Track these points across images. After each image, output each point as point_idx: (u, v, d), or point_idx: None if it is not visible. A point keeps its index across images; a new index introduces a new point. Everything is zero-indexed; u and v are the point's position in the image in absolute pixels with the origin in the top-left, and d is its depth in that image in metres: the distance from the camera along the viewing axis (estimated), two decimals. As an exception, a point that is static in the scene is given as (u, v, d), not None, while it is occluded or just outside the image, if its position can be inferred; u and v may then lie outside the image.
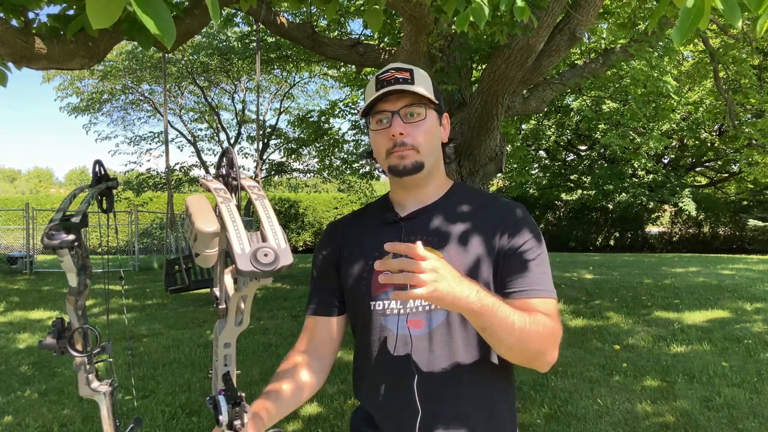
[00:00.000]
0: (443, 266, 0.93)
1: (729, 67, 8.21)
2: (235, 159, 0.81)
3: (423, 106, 1.14)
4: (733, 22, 0.92)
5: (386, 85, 1.13)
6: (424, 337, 1.12)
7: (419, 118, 1.14)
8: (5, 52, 1.78)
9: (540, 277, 1.12)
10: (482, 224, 1.16)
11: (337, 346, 1.26)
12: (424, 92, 1.13)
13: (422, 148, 1.14)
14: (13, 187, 58.55)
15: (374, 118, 1.16)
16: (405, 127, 1.12)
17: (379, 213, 1.25)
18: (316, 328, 1.25)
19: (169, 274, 5.95)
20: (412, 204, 1.20)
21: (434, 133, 1.17)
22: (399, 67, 1.16)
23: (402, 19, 4.29)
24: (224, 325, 0.85)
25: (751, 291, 7.71)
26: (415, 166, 1.13)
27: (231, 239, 0.68)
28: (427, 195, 1.20)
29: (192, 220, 0.72)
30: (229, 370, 0.88)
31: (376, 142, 1.17)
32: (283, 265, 0.66)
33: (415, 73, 1.16)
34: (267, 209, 0.72)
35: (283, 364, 1.21)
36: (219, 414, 0.83)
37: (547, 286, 1.12)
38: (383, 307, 1.15)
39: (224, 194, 0.75)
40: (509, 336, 1.00)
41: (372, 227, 1.23)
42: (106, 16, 0.67)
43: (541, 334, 1.03)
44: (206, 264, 0.74)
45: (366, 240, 1.21)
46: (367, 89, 1.20)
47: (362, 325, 1.20)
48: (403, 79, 1.13)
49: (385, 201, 1.27)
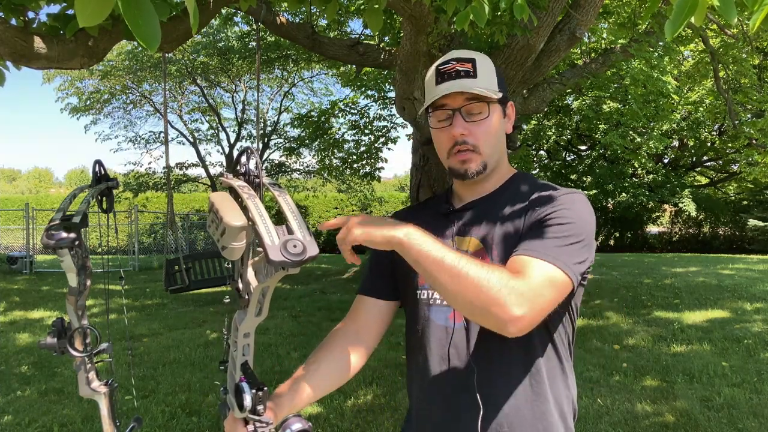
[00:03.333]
0: (374, 218, 0.98)
1: (729, 66, 8.21)
2: (257, 158, 0.84)
3: (486, 102, 1.09)
4: (729, 18, 0.92)
5: (447, 78, 1.08)
6: (462, 330, 1.10)
7: (482, 117, 1.09)
8: (4, 52, 1.78)
9: (545, 242, 0.98)
10: (522, 210, 1.11)
11: (381, 332, 1.23)
12: (486, 91, 1.07)
13: (484, 148, 1.10)
14: (13, 187, 58.55)
15: (435, 115, 1.11)
16: (467, 126, 1.08)
17: (437, 204, 1.24)
18: (362, 309, 1.23)
19: (168, 274, 5.93)
20: (470, 196, 1.18)
21: (498, 129, 1.12)
22: (460, 58, 1.09)
23: (402, 19, 4.28)
24: (244, 316, 0.88)
25: (751, 291, 7.71)
26: (478, 171, 1.11)
27: (261, 232, 0.72)
28: (485, 187, 1.17)
29: (220, 215, 0.75)
30: (247, 359, 0.91)
31: (437, 139, 1.14)
32: (311, 255, 0.71)
33: (478, 64, 1.09)
34: (290, 204, 0.77)
35: (323, 343, 1.18)
36: (243, 400, 0.87)
37: (548, 251, 0.96)
38: (427, 297, 1.14)
39: (248, 190, 0.79)
40: (440, 273, 0.90)
41: (428, 218, 1.20)
42: (94, 14, 0.67)
43: (483, 282, 0.88)
44: (233, 257, 0.78)
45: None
46: (427, 78, 1.15)
47: (410, 314, 1.20)
48: (464, 71, 1.08)
49: (447, 192, 1.26)
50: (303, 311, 7.02)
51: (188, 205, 20.99)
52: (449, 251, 0.92)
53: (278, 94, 16.97)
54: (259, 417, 0.90)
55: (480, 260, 0.95)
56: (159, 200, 19.96)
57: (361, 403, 3.79)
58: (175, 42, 2.22)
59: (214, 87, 16.30)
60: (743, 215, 19.04)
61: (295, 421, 0.99)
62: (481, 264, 0.91)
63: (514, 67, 4.47)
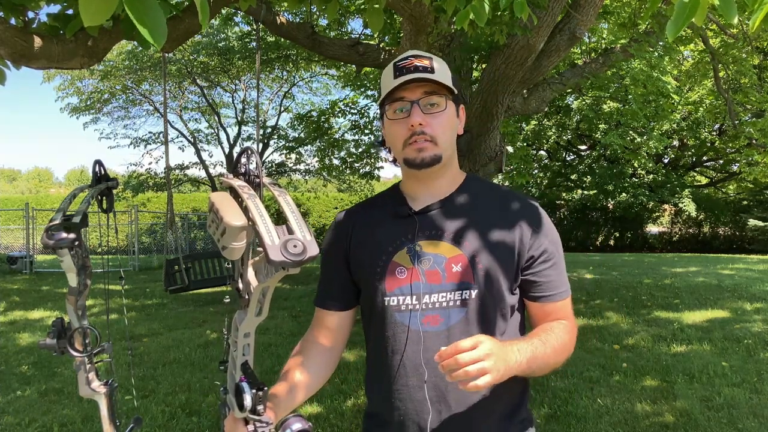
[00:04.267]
0: (486, 340, 0.93)
1: (729, 66, 8.21)
2: (257, 158, 0.84)
3: (443, 96, 1.11)
4: (729, 18, 0.92)
5: (405, 72, 1.10)
6: (441, 334, 1.10)
7: (439, 108, 1.11)
8: (4, 52, 1.78)
9: (560, 278, 1.16)
10: (502, 220, 1.14)
11: (345, 339, 1.25)
12: (445, 81, 1.10)
13: (440, 139, 1.11)
14: (13, 187, 58.54)
15: (391, 107, 1.13)
16: (424, 117, 1.09)
17: (390, 205, 1.21)
18: (324, 319, 1.25)
19: (168, 274, 5.94)
20: (426, 197, 1.17)
21: (452, 124, 1.15)
22: (418, 55, 1.12)
23: (402, 19, 4.28)
24: (244, 315, 0.88)
25: (751, 291, 7.71)
26: (433, 159, 1.11)
27: (261, 232, 0.72)
28: (440, 188, 1.17)
29: (220, 215, 0.75)
30: (247, 359, 0.92)
31: (392, 131, 1.14)
32: (311, 255, 0.71)
33: (435, 61, 1.12)
34: (290, 204, 0.76)
35: (291, 359, 1.22)
36: (243, 400, 0.87)
37: (566, 284, 1.18)
38: (398, 303, 1.13)
39: (248, 191, 0.79)
40: (546, 366, 1.08)
41: (384, 220, 1.19)
42: (98, 13, 0.67)
43: (566, 349, 1.12)
44: (233, 256, 0.78)
45: (378, 233, 1.17)
46: (383, 75, 1.16)
47: (376, 320, 1.17)
48: (422, 67, 1.10)
49: (395, 193, 1.23)
50: (303, 311, 7.02)
51: (188, 205, 20.99)
52: (541, 344, 1.06)
53: (278, 94, 16.97)
54: (259, 417, 0.90)
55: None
56: (159, 200, 19.95)
57: (361, 403, 3.79)
58: (175, 42, 2.22)
59: (214, 87, 16.29)
60: (743, 215, 19.04)
61: (295, 421, 0.99)
62: (554, 334, 1.10)
63: (514, 67, 4.46)
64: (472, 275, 1.10)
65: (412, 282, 1.11)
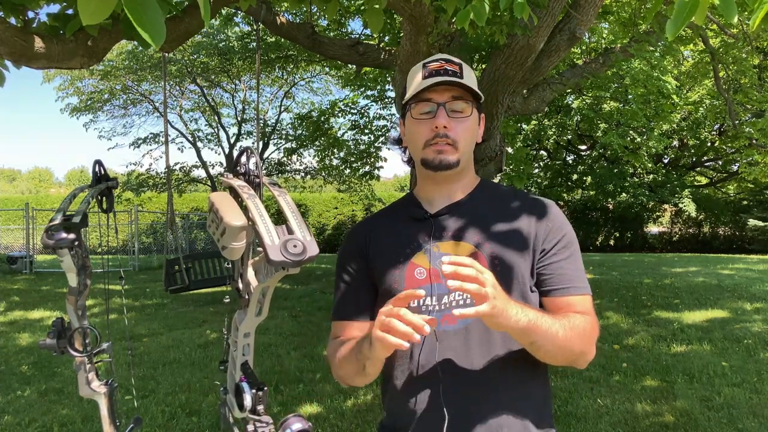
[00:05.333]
0: (493, 277, 0.93)
1: (729, 66, 8.21)
2: (257, 158, 0.84)
3: (469, 103, 1.13)
4: (729, 17, 0.92)
5: (435, 74, 1.11)
6: (459, 333, 1.09)
7: (464, 114, 1.12)
8: (4, 52, 1.78)
9: (576, 273, 1.13)
10: (516, 220, 1.15)
11: None
12: (473, 88, 1.12)
13: (460, 144, 1.12)
14: (13, 187, 58.50)
15: (417, 107, 1.13)
16: (449, 120, 1.11)
17: (405, 210, 1.22)
18: (349, 331, 1.18)
19: (168, 274, 5.93)
20: (441, 200, 1.18)
21: (474, 131, 1.16)
22: (449, 59, 1.14)
23: (402, 19, 4.28)
24: (244, 316, 0.87)
25: (751, 291, 7.71)
26: (451, 163, 1.12)
27: (261, 232, 0.72)
28: (455, 191, 1.18)
29: (220, 215, 0.75)
30: (247, 359, 0.92)
31: (414, 130, 1.14)
32: (311, 255, 0.71)
33: (464, 67, 1.14)
34: (290, 204, 0.76)
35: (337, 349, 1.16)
36: (243, 400, 0.87)
37: (584, 282, 1.14)
38: (418, 304, 1.12)
39: (248, 191, 0.79)
40: (553, 346, 1.02)
41: (400, 225, 1.19)
42: (97, 11, 0.67)
43: (582, 337, 1.05)
44: (233, 256, 0.78)
45: (397, 237, 1.18)
46: (410, 75, 1.17)
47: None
48: (452, 71, 1.12)
49: (410, 198, 1.24)
50: (303, 311, 7.02)
51: (188, 205, 20.98)
52: (553, 322, 1.02)
53: (278, 94, 16.97)
54: (259, 417, 0.90)
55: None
56: (159, 200, 19.94)
57: (361, 403, 3.79)
58: (175, 42, 2.22)
59: (214, 87, 16.28)
60: (743, 215, 19.04)
61: (295, 421, 0.99)
62: (568, 320, 1.04)
63: (514, 67, 4.46)
64: None
65: (432, 282, 1.11)
